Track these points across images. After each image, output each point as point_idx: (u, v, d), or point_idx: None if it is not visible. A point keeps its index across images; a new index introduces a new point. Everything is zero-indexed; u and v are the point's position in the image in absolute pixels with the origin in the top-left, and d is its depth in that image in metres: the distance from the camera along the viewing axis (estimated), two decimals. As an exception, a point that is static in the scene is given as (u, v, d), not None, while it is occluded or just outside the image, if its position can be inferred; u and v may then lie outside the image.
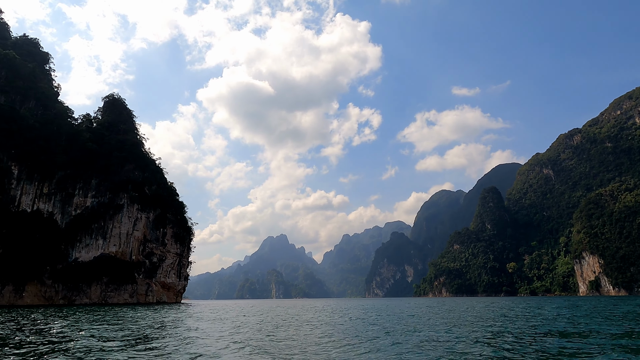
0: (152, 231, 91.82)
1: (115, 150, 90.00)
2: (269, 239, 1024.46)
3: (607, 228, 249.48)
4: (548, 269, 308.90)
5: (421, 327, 27.95)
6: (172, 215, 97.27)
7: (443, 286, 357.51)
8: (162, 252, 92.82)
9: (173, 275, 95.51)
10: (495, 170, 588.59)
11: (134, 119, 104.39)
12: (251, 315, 46.41)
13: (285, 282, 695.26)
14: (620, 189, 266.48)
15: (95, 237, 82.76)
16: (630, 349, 16.63)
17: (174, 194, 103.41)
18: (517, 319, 34.48)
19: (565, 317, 35.74)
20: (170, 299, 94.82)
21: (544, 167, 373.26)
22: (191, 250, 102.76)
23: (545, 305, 65.46)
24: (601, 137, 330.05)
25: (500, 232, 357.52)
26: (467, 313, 44.19)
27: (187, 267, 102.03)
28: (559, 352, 16.37)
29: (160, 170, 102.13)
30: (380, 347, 18.19)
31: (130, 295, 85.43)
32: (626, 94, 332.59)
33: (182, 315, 43.43)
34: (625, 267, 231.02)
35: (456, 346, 18.07)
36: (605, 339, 19.62)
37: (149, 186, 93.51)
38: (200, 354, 16.50)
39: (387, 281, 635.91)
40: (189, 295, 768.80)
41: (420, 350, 17.06)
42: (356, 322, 34.31)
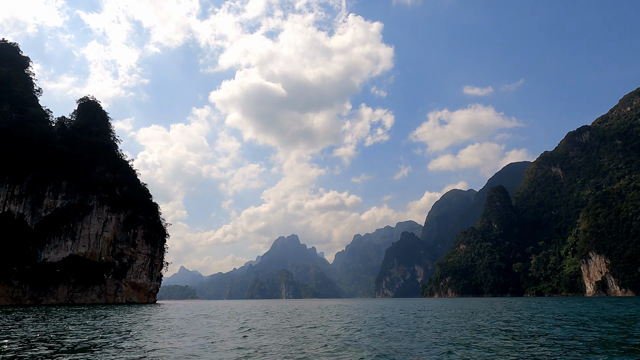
0: (123, 232, 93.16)
1: (86, 152, 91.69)
2: (280, 239, 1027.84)
3: (614, 227, 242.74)
4: (555, 269, 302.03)
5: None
6: (143, 217, 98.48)
7: (449, 286, 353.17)
8: (132, 252, 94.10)
9: (144, 276, 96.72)
10: (507, 169, 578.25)
11: (109, 121, 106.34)
12: (215, 317, 45.57)
13: (295, 282, 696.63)
14: (629, 187, 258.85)
15: (64, 238, 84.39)
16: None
17: (147, 195, 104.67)
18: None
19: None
20: (141, 299, 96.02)
21: (552, 165, 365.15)
22: (165, 251, 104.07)
23: (539, 306, 63.93)
24: (610, 135, 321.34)
25: (507, 231, 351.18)
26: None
27: (161, 268, 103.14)
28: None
29: (132, 171, 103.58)
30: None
31: (98, 296, 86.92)
32: (636, 90, 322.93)
33: (132, 316, 43.45)
34: (632, 267, 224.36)
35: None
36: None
37: (120, 187, 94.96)
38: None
39: (397, 281, 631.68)
40: (201, 295, 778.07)
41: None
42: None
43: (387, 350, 17.24)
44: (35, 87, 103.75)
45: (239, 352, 17.19)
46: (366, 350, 17.16)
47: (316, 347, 18.20)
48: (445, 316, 41.18)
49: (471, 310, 55.60)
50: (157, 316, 44.83)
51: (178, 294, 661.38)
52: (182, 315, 48.53)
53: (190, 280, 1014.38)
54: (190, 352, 17.15)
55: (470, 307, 67.97)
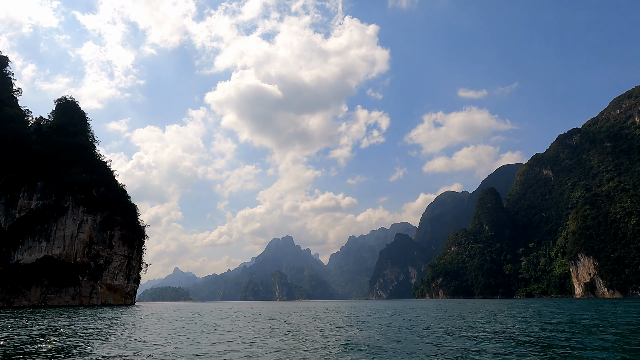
0: (99, 233, 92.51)
1: (62, 153, 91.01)
2: (274, 240, 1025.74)
3: (603, 229, 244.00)
4: (545, 271, 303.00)
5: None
6: (120, 218, 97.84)
7: (440, 288, 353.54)
8: (109, 254, 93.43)
9: (121, 278, 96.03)
10: (500, 170, 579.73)
11: (87, 121, 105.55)
12: (177, 319, 45.27)
13: (289, 284, 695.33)
14: (617, 189, 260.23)
15: (38, 239, 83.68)
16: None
17: (125, 196, 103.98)
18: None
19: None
20: (118, 301, 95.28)
21: (543, 167, 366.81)
22: (144, 252, 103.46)
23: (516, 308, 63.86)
24: (600, 137, 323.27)
25: (498, 233, 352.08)
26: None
27: (139, 269, 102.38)
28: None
29: (110, 172, 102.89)
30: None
31: (72, 298, 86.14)
32: (626, 93, 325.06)
33: (84, 319, 42.91)
34: (619, 269, 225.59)
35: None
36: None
37: (97, 188, 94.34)
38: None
39: (390, 283, 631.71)
40: (194, 297, 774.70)
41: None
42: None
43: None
44: (14, 87, 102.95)
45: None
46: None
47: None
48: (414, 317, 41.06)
49: (444, 310, 55.50)
50: (111, 320, 44.34)
51: (171, 295, 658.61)
52: (144, 318, 48.11)
53: (184, 281, 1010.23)
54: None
55: (451, 308, 67.87)
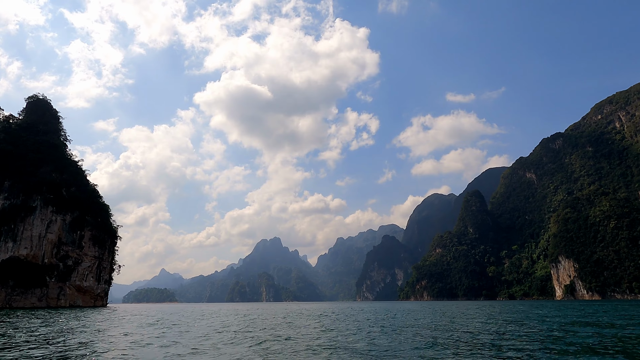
0: (69, 234, 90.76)
1: (32, 152, 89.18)
2: (262, 241, 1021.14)
3: (583, 232, 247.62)
4: (527, 273, 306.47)
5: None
6: (91, 218, 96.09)
7: (424, 290, 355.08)
8: (78, 255, 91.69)
9: (91, 279, 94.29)
10: (486, 173, 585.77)
11: (59, 120, 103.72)
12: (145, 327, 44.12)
13: (276, 286, 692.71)
14: (597, 192, 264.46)
15: (4, 239, 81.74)
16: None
17: (96, 196, 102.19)
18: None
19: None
20: (87, 302, 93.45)
21: (527, 170, 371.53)
22: (116, 254, 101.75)
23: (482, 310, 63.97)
24: (582, 142, 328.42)
25: (482, 235, 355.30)
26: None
27: (111, 271, 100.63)
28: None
29: (81, 172, 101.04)
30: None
31: (38, 299, 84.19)
32: (607, 99, 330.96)
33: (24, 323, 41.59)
34: (599, 272, 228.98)
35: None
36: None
37: (67, 188, 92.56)
38: None
39: (377, 284, 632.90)
40: (180, 299, 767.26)
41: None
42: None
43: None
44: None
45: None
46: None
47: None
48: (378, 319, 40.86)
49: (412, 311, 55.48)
50: (69, 324, 43.24)
51: (156, 296, 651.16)
52: (103, 321, 47.08)
53: (171, 283, 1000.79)
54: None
55: (423, 310, 67.90)
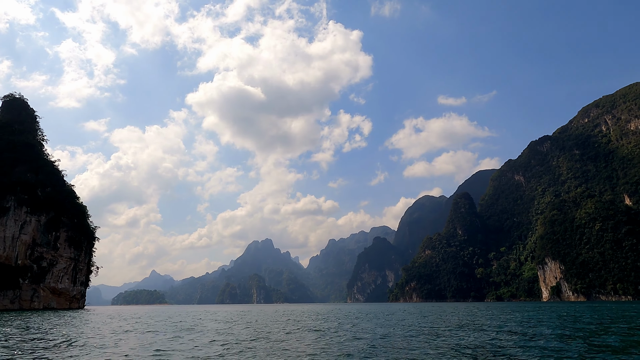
0: (44, 235, 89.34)
1: (6, 151, 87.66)
2: (254, 243, 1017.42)
3: (569, 234, 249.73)
4: (515, 275, 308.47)
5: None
6: (67, 219, 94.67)
7: (414, 291, 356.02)
8: (53, 256, 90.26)
9: (66, 281, 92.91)
10: (476, 176, 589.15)
11: (36, 119, 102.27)
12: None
13: (267, 287, 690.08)
14: (583, 195, 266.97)
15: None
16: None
17: (73, 197, 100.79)
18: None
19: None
20: (62, 304, 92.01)
21: (516, 173, 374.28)
22: (93, 255, 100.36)
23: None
24: (569, 144, 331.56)
25: (471, 237, 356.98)
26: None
27: (88, 272, 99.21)
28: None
29: (58, 172, 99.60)
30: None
31: (11, 301, 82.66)
32: (593, 102, 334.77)
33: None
34: (584, 273, 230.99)
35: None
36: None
37: (43, 188, 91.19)
38: None
39: (368, 286, 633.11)
40: (170, 300, 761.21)
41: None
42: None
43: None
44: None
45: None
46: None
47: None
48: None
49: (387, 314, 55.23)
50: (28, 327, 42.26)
51: (146, 298, 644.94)
52: (67, 325, 46.10)
53: (161, 284, 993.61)
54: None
55: (388, 311, 67.68)
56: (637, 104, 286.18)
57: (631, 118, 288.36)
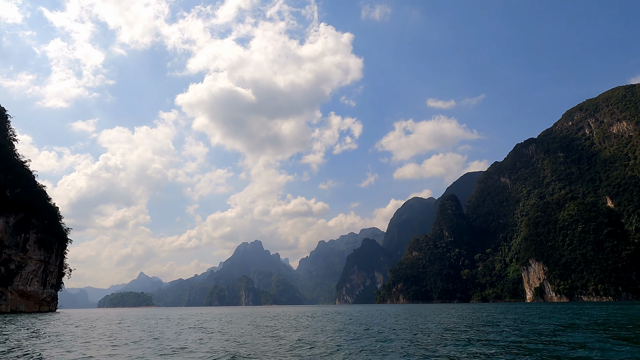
0: (12, 236, 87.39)
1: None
2: (243, 245, 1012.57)
3: (552, 236, 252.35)
4: (500, 276, 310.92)
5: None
6: (38, 220, 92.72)
7: (400, 293, 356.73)
8: (22, 258, 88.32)
9: (36, 284, 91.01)
10: (464, 178, 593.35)
11: (7, 119, 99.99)
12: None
13: (256, 289, 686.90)
14: (567, 197, 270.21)
15: (-60, 242, 78.15)
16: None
17: (44, 197, 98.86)
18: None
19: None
20: (31, 308, 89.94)
21: (502, 175, 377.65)
22: (65, 257, 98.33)
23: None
24: (554, 147, 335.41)
25: (457, 239, 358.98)
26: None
27: (60, 275, 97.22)
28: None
29: (28, 172, 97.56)
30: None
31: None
32: (577, 106, 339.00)
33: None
34: (566, 275, 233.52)
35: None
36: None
37: (12, 189, 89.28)
38: None
39: (357, 287, 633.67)
40: (158, 303, 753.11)
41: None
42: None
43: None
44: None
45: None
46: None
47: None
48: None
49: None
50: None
51: (133, 301, 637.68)
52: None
53: (149, 286, 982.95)
54: None
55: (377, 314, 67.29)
56: (619, 107, 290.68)
57: (613, 121, 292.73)
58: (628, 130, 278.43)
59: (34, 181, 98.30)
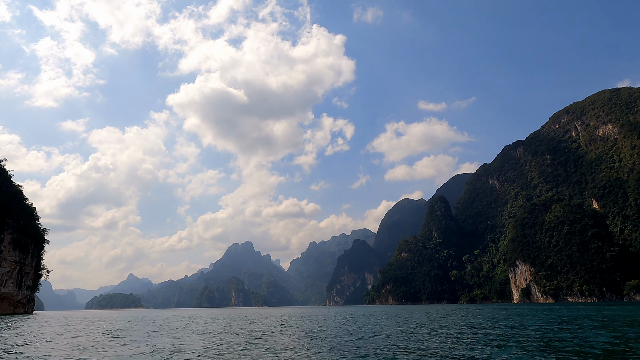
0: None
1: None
2: (233, 246, 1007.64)
3: (538, 237, 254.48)
4: (488, 277, 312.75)
5: None
6: (13, 221, 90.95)
7: (390, 294, 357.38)
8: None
9: (10, 285, 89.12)
10: (454, 179, 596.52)
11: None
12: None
13: (246, 290, 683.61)
14: (553, 199, 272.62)
15: None
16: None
17: (20, 198, 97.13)
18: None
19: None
20: (5, 310, 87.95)
21: (490, 177, 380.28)
22: (42, 258, 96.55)
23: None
24: (541, 149, 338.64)
25: (446, 240, 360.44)
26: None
27: (36, 277, 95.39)
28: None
29: (4, 172, 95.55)
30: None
31: (-53, 307, 79.02)
32: (564, 109, 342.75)
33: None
34: (552, 276, 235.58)
35: None
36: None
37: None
38: None
39: (347, 289, 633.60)
40: (147, 304, 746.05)
41: None
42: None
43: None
44: None
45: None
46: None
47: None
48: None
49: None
50: None
51: (121, 302, 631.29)
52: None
53: (139, 288, 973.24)
54: None
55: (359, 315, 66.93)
56: (605, 110, 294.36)
57: (599, 124, 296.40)
58: (613, 133, 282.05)
59: (10, 181, 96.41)
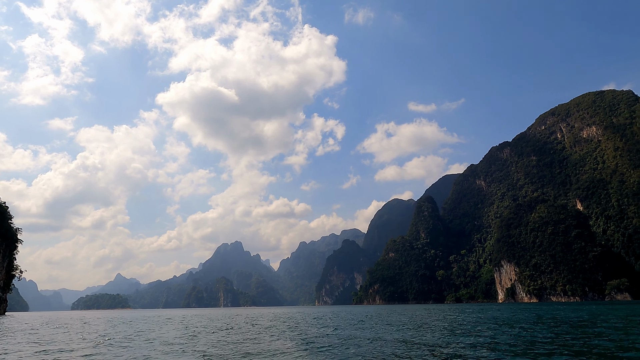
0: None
1: None
2: (223, 246, 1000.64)
3: (523, 237, 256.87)
4: (474, 277, 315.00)
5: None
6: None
7: (377, 294, 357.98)
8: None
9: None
10: (443, 180, 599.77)
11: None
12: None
13: (235, 290, 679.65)
14: (538, 200, 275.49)
15: None
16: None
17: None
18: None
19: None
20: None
21: (477, 177, 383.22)
22: (14, 259, 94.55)
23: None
24: (527, 151, 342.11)
25: (433, 240, 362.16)
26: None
27: (8, 277, 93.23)
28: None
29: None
30: None
31: None
32: (550, 111, 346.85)
33: None
34: (536, 275, 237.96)
35: None
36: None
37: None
38: None
39: (336, 289, 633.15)
40: (135, 305, 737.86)
41: None
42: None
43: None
44: None
45: None
46: None
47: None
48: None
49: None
50: None
51: (107, 303, 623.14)
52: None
53: (126, 288, 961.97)
54: None
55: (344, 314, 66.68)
56: (589, 113, 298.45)
57: (583, 126, 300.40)
58: (597, 134, 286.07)
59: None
